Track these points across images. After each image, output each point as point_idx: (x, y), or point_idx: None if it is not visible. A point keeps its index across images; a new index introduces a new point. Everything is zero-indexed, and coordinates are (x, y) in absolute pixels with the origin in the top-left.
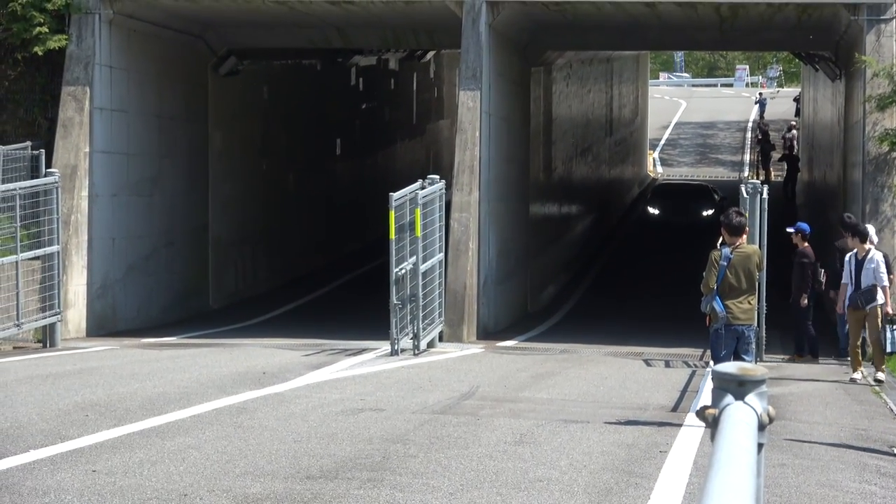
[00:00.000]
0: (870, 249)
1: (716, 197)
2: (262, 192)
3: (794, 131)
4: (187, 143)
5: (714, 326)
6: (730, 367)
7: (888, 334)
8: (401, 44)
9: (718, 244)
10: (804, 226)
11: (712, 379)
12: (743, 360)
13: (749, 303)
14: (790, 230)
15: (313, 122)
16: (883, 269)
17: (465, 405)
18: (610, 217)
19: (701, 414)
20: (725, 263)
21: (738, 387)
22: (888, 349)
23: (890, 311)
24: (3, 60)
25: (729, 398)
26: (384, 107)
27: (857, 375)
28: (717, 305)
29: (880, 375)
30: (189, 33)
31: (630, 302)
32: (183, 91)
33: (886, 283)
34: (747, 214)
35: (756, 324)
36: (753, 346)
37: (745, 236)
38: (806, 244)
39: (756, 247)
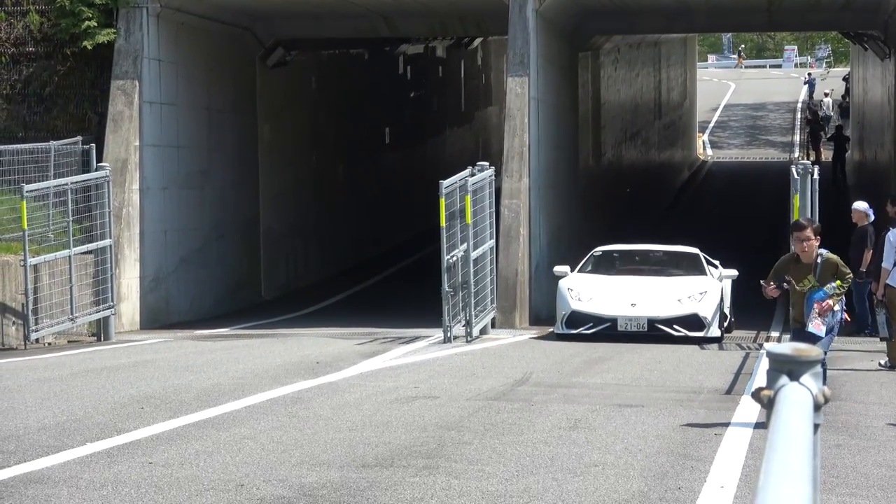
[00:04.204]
0: None
1: (710, 273)
2: (311, 183)
3: (826, 98)
4: (236, 136)
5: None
6: (784, 347)
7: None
8: (447, 31)
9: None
10: None
11: (767, 360)
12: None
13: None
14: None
15: (362, 111)
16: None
17: (518, 391)
18: (661, 200)
19: (756, 395)
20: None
21: (793, 367)
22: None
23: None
24: (52, 56)
25: (784, 379)
26: (432, 95)
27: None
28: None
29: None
30: (236, 25)
31: None
32: (231, 83)
33: (887, 264)
34: (797, 195)
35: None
36: None
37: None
38: None
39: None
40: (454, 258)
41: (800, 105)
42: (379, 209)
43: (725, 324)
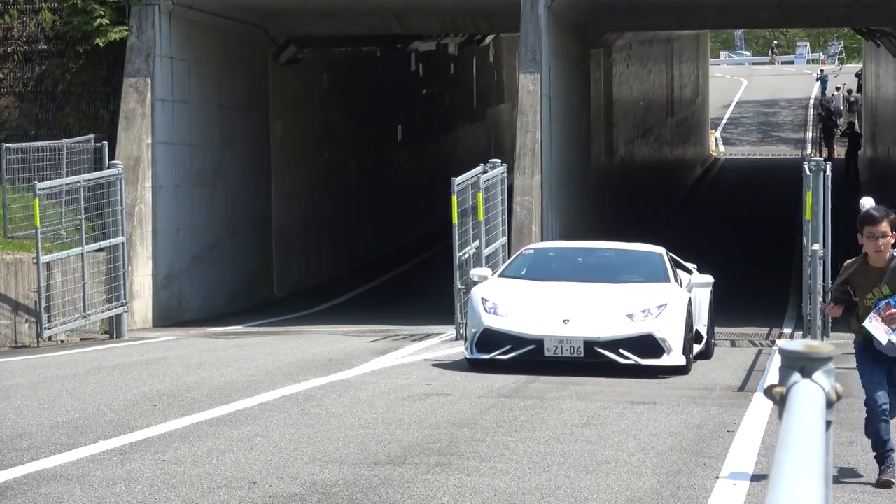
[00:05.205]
0: None
1: (676, 280)
2: (324, 181)
3: (837, 92)
4: (248, 133)
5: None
6: (796, 344)
7: None
8: (459, 28)
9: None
10: None
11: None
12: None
13: None
14: None
15: (374, 109)
16: None
17: (530, 388)
18: (673, 197)
19: (768, 392)
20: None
21: (806, 364)
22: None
23: None
24: (64, 53)
25: (796, 376)
26: (444, 92)
27: None
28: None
29: None
30: (248, 23)
31: None
32: (243, 81)
33: None
34: (810, 192)
35: None
36: None
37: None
38: None
39: None
40: (466, 255)
41: (812, 102)
42: (391, 206)
43: (700, 346)
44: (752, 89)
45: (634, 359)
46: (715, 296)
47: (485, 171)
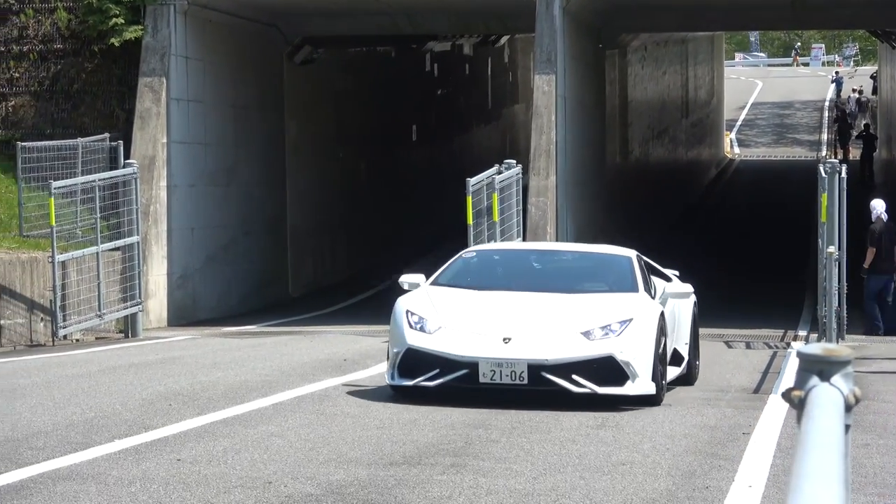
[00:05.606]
0: None
1: (647, 290)
2: (338, 180)
3: (854, 94)
4: (263, 133)
5: None
6: (815, 348)
7: None
8: (471, 29)
9: None
10: None
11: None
12: None
13: None
14: None
15: (389, 109)
16: None
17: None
18: (687, 198)
19: (787, 396)
20: None
21: (824, 368)
22: None
23: None
24: (79, 53)
25: (815, 380)
26: (459, 92)
27: None
28: None
29: None
30: (263, 22)
31: (712, 286)
32: (258, 80)
33: None
34: (825, 194)
35: None
36: None
37: None
38: None
39: None
40: None
41: (827, 103)
42: (406, 205)
43: (679, 369)
44: (766, 91)
45: (591, 387)
46: (727, 298)
47: (500, 172)
